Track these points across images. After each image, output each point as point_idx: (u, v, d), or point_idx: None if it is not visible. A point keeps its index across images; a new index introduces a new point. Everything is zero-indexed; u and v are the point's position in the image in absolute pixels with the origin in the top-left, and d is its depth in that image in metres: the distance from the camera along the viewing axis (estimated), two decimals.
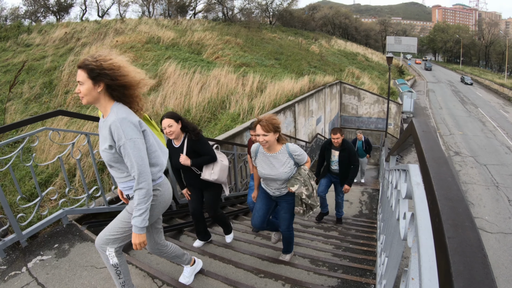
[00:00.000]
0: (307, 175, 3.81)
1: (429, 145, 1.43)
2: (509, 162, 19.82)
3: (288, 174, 3.76)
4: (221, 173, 4.29)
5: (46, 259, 3.65)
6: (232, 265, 3.96)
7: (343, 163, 6.50)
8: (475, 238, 0.78)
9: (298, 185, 3.69)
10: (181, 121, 4.06)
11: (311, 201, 3.79)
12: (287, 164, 3.74)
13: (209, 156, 4.21)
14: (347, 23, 79.68)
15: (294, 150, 3.76)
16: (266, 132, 3.57)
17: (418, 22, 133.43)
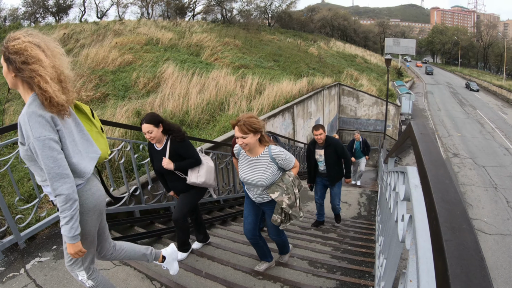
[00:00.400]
0: (291, 182, 3.46)
1: (427, 147, 1.44)
2: (508, 163, 19.87)
3: (270, 180, 3.44)
4: (208, 175, 4.10)
5: (44, 260, 3.65)
6: (230, 267, 3.97)
7: (330, 161, 6.13)
8: (472, 241, 0.78)
9: (279, 193, 3.38)
10: (162, 124, 3.84)
11: (292, 212, 3.47)
12: (269, 169, 3.42)
13: (193, 159, 4.01)
14: (345, 25, 79.81)
15: (277, 154, 3.42)
16: (244, 134, 3.27)
17: (417, 24, 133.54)
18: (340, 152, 6.12)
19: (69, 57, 15.36)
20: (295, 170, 3.60)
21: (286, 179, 3.46)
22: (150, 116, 3.81)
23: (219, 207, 7.42)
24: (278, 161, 3.44)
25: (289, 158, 3.50)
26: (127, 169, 5.77)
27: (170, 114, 10.18)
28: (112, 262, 3.68)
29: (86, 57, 15.66)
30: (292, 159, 3.54)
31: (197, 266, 3.94)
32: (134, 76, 13.80)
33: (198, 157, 4.05)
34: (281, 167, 3.50)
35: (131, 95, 12.34)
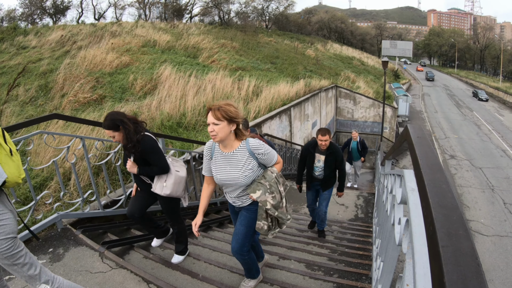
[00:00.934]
0: (274, 179, 3.09)
1: (423, 151, 1.44)
2: (504, 165, 19.95)
3: (250, 178, 3.03)
4: (175, 186, 3.74)
5: (40, 263, 3.63)
6: (227, 270, 3.96)
7: (328, 168, 5.76)
8: (469, 247, 0.78)
9: (261, 191, 2.98)
10: (123, 127, 3.45)
11: (278, 213, 3.09)
12: (248, 165, 3.00)
13: (158, 167, 3.66)
14: (342, 27, 79.97)
15: (257, 147, 3.01)
16: (217, 119, 2.81)
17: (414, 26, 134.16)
18: (339, 162, 5.77)
19: (66, 58, 15.39)
20: (279, 166, 3.26)
21: (269, 175, 3.09)
22: (108, 121, 3.44)
23: (216, 210, 7.40)
24: (258, 155, 3.03)
25: (271, 153, 3.13)
26: (123, 171, 5.75)
27: (167, 116, 10.17)
28: (108, 265, 3.67)
29: (83, 59, 15.63)
30: (274, 154, 3.19)
31: (194, 269, 3.93)
32: (131, 78, 13.78)
33: (164, 165, 3.69)
34: (262, 163, 3.11)
35: (128, 97, 12.33)
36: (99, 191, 5.34)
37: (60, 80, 13.11)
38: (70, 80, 13.08)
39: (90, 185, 5.07)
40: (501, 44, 76.00)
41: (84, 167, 5.90)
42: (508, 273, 10.00)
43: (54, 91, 12.59)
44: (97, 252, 3.85)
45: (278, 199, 3.09)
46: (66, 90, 12.53)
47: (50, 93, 12.50)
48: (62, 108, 11.34)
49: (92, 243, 4.00)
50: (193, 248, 4.61)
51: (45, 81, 13.26)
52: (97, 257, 3.77)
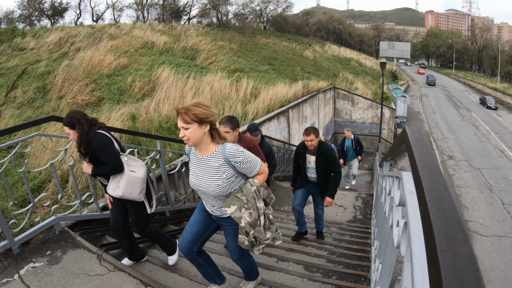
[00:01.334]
0: (253, 193, 2.75)
1: (422, 153, 1.43)
2: (503, 165, 20.00)
3: (224, 188, 2.72)
4: (128, 188, 3.48)
5: (38, 266, 3.62)
6: (225, 272, 3.94)
7: (321, 170, 5.42)
8: (467, 252, 0.78)
9: (236, 207, 2.69)
10: (78, 128, 3.36)
11: (255, 232, 2.79)
12: (222, 174, 2.69)
13: (109, 166, 3.45)
14: (340, 29, 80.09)
15: (233, 154, 2.66)
16: (186, 123, 2.57)
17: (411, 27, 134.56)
18: (332, 161, 5.38)
19: (64, 60, 15.37)
20: (262, 177, 2.91)
21: (247, 189, 2.76)
22: (67, 118, 3.39)
23: None
24: (236, 164, 2.69)
25: (252, 161, 2.77)
26: None
27: (165, 118, 10.15)
28: (106, 267, 3.66)
29: (81, 61, 15.60)
30: (256, 163, 2.82)
31: (192, 271, 3.91)
32: (130, 80, 13.77)
33: (116, 165, 3.46)
34: (241, 172, 2.77)
35: (126, 99, 12.31)
36: (97, 193, 5.32)
37: (58, 82, 13.08)
38: (68, 82, 13.05)
39: (88, 187, 5.05)
40: (498, 45, 76.07)
41: (82, 169, 5.89)
42: (507, 273, 10.01)
43: (52, 93, 12.55)
44: (95, 254, 3.84)
45: (255, 216, 2.76)
46: (64, 92, 12.50)
47: (48, 95, 12.47)
48: (60, 110, 11.31)
49: (90, 245, 3.99)
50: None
51: (43, 83, 13.22)
52: (95, 259, 3.76)
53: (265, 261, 4.52)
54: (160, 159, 5.50)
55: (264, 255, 4.72)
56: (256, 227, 2.79)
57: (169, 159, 6.39)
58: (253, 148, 4.28)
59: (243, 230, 2.81)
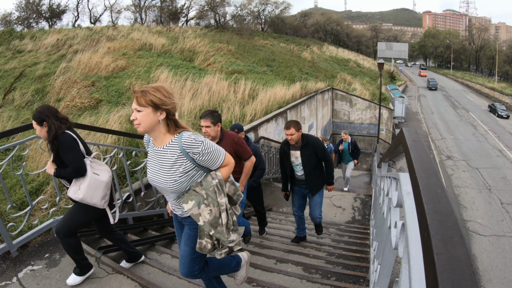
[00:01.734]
0: (213, 187, 2.44)
1: (418, 155, 1.43)
2: (501, 165, 20.04)
3: (182, 183, 2.42)
4: (90, 191, 3.23)
5: (36, 269, 3.62)
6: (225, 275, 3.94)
7: (309, 165, 5.06)
8: (464, 254, 0.77)
9: (194, 202, 2.37)
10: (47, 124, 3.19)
11: (215, 232, 2.43)
12: (179, 167, 2.38)
13: (71, 168, 3.20)
14: (338, 30, 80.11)
15: (190, 144, 2.35)
16: (140, 105, 2.29)
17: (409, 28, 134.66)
18: (321, 153, 5.04)
19: (62, 62, 15.36)
20: (226, 170, 2.58)
21: (208, 182, 2.45)
22: (36, 112, 3.24)
23: None
24: (194, 155, 2.38)
25: (213, 152, 2.46)
26: (119, 176, 5.74)
27: None
28: (105, 270, 3.66)
29: (79, 63, 15.60)
30: (219, 154, 2.51)
31: None
32: (128, 82, 13.76)
33: (78, 167, 3.21)
34: (201, 164, 2.46)
35: (125, 101, 12.30)
36: None
37: (57, 84, 13.07)
38: (66, 84, 13.04)
39: None
40: (496, 45, 76.29)
41: None
42: (507, 272, 10.04)
43: (50, 95, 12.54)
44: (94, 257, 3.84)
45: (216, 213, 2.42)
46: (62, 95, 12.49)
47: (46, 97, 12.46)
48: None
49: (88, 248, 3.99)
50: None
51: (41, 85, 13.21)
52: (93, 262, 3.75)
53: (264, 262, 4.52)
54: None
55: (262, 257, 4.72)
56: (217, 227, 2.43)
57: None
58: (238, 142, 4.21)
59: (204, 232, 2.47)
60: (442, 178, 17.80)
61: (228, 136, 4.25)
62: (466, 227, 12.73)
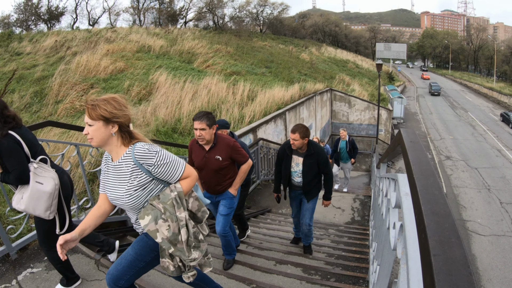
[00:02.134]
0: (172, 200, 2.24)
1: (416, 156, 1.44)
2: (500, 164, 20.05)
3: (138, 198, 2.23)
4: (31, 202, 2.89)
5: (36, 271, 3.62)
6: (224, 276, 3.94)
7: (307, 174, 4.78)
8: (461, 255, 0.78)
9: (150, 218, 2.18)
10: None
11: (175, 250, 2.22)
12: (133, 180, 2.21)
13: (12, 175, 2.87)
14: (337, 31, 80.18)
15: (145, 155, 2.19)
16: (91, 119, 2.16)
17: (407, 28, 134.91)
18: (323, 164, 4.78)
19: (61, 64, 15.36)
20: (187, 182, 2.39)
21: (165, 195, 2.26)
22: None
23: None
24: (149, 167, 2.21)
25: (170, 164, 2.29)
26: None
27: (162, 122, 10.16)
28: (104, 272, 3.65)
29: (78, 65, 15.59)
30: (177, 166, 2.33)
31: None
32: (126, 84, 13.76)
33: (19, 174, 2.87)
34: (158, 177, 2.28)
35: None
36: (94, 198, 5.31)
37: (56, 87, 13.07)
38: (65, 86, 13.04)
39: (85, 192, 5.04)
40: (494, 45, 76.31)
41: (79, 174, 5.86)
42: (507, 272, 10.05)
43: (49, 97, 12.55)
44: (93, 259, 3.83)
45: (174, 229, 2.22)
46: (61, 97, 12.49)
47: (45, 99, 12.47)
48: (57, 115, 11.31)
49: (87, 250, 3.98)
50: None
51: (40, 88, 13.21)
52: (93, 264, 3.75)
53: (263, 264, 4.51)
54: None
55: (262, 258, 4.71)
56: (177, 244, 2.23)
57: None
58: (234, 147, 3.94)
59: (165, 251, 2.32)
60: (441, 179, 17.83)
61: (223, 141, 3.97)
62: (465, 227, 12.73)
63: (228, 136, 4.11)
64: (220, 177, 4.04)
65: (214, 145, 3.91)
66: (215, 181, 4.05)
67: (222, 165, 3.93)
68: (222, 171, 3.99)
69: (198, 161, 4.01)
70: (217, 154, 3.90)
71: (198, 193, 2.57)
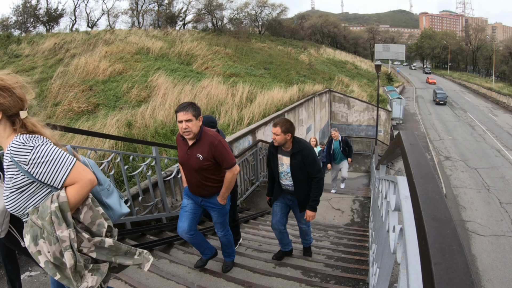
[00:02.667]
0: (50, 215, 1.75)
1: (416, 159, 1.42)
2: (499, 164, 20.07)
3: (16, 202, 1.81)
4: None
5: (34, 275, 3.61)
6: (223, 279, 3.92)
7: (297, 175, 4.22)
8: (462, 263, 0.76)
9: (29, 236, 1.81)
10: None
11: (62, 278, 1.80)
12: (9, 180, 1.80)
13: None
14: (335, 32, 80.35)
15: (18, 149, 1.75)
16: None
17: (406, 29, 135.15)
18: (309, 163, 4.16)
19: (59, 67, 15.35)
20: (73, 190, 1.84)
21: (44, 208, 1.79)
22: None
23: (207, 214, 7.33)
24: (24, 165, 1.76)
25: (51, 162, 1.81)
26: (117, 181, 5.71)
27: (160, 124, 10.14)
28: None
29: (77, 67, 15.60)
30: (60, 165, 1.83)
31: (189, 278, 3.89)
32: (125, 86, 13.75)
33: None
34: (39, 179, 1.80)
35: (122, 105, 12.29)
36: None
37: (54, 89, 13.06)
38: (64, 88, 13.03)
39: None
40: (493, 45, 76.48)
41: None
42: (507, 272, 10.05)
43: (47, 99, 12.54)
44: None
45: (55, 252, 1.78)
46: (60, 99, 12.48)
47: (43, 101, 12.46)
48: (56, 117, 11.29)
49: None
50: (188, 257, 4.58)
51: (38, 90, 13.19)
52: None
53: (263, 266, 4.49)
54: (156, 165, 5.48)
55: (261, 261, 4.69)
56: (64, 271, 1.78)
57: (165, 166, 6.36)
58: (217, 146, 3.47)
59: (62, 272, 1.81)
60: (441, 179, 17.83)
61: (207, 137, 3.52)
62: (465, 227, 12.73)
63: (215, 133, 3.64)
64: (202, 178, 3.61)
65: (196, 141, 3.50)
66: (197, 181, 3.64)
67: (203, 165, 3.51)
68: (204, 172, 3.57)
69: (181, 156, 3.67)
70: (199, 152, 3.48)
71: None
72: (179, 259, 4.47)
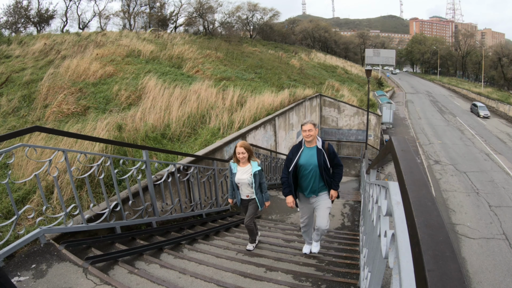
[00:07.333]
0: None
1: (408, 166, 1.43)
2: (488, 168, 20.29)
3: None
4: None
5: (23, 280, 3.55)
6: (214, 284, 3.90)
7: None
8: (456, 270, 0.76)
9: None
10: None
11: None
12: None
13: None
14: (326, 37, 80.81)
15: None
16: None
17: (396, 34, 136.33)
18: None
19: (50, 68, 15.21)
20: None
21: None
22: None
23: (202, 222, 7.33)
24: None
25: None
26: (107, 184, 5.67)
27: (151, 127, 10.08)
28: (92, 281, 3.60)
29: (67, 69, 15.46)
30: None
31: (180, 283, 3.86)
32: (116, 89, 13.67)
33: None
34: None
35: (112, 108, 12.20)
36: (83, 204, 5.25)
37: (44, 90, 12.93)
38: (53, 90, 12.91)
39: (73, 199, 4.97)
40: (482, 50, 77.39)
41: (67, 180, 5.79)
42: (496, 274, 10.15)
43: (37, 101, 12.41)
44: (81, 267, 3.77)
45: None
46: (49, 101, 12.35)
47: (33, 103, 12.33)
48: (45, 119, 11.17)
49: (75, 258, 3.92)
50: (178, 262, 4.55)
51: (28, 91, 13.06)
52: (81, 273, 3.68)
53: (254, 271, 4.48)
54: (146, 169, 5.45)
55: (252, 265, 4.68)
56: None
57: (155, 169, 6.32)
58: None
59: None
60: (430, 183, 17.96)
61: None
62: (455, 230, 12.84)
63: None
64: None
65: None
66: None
67: None
68: None
69: None
70: None
71: None
72: (170, 264, 4.45)
